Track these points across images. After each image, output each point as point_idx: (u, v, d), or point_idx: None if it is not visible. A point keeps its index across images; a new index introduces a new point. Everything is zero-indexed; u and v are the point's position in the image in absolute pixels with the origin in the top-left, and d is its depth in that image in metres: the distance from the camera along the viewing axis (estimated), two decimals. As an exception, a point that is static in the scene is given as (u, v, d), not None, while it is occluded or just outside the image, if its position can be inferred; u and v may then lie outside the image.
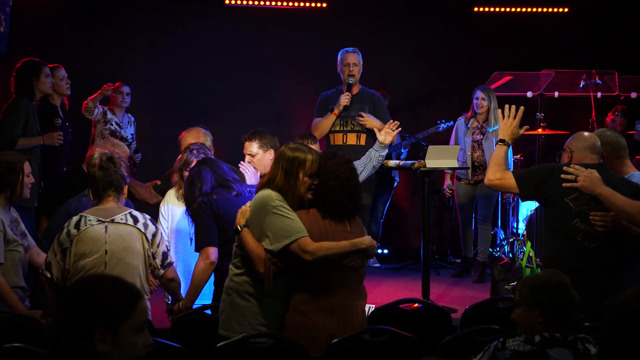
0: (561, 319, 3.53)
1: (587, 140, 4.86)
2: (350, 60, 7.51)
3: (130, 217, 4.86)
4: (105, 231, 4.77)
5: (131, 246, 4.80)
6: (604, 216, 4.59)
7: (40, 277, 4.78)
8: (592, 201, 4.63)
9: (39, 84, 6.93)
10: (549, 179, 4.77)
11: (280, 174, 4.36)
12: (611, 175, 4.76)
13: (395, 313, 4.87)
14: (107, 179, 4.86)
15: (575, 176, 4.66)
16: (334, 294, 4.30)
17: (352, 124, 7.40)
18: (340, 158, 4.46)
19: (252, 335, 4.17)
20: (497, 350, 3.51)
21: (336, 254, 4.26)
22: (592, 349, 3.50)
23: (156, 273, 4.93)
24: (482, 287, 7.69)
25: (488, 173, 4.94)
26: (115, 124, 7.93)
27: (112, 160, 4.90)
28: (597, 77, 8.72)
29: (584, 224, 4.64)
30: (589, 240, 4.63)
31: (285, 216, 4.25)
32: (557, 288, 3.57)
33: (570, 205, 4.66)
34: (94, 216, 4.81)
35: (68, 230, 4.78)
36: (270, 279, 4.23)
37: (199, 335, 4.57)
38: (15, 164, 4.99)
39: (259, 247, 4.26)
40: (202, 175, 5.19)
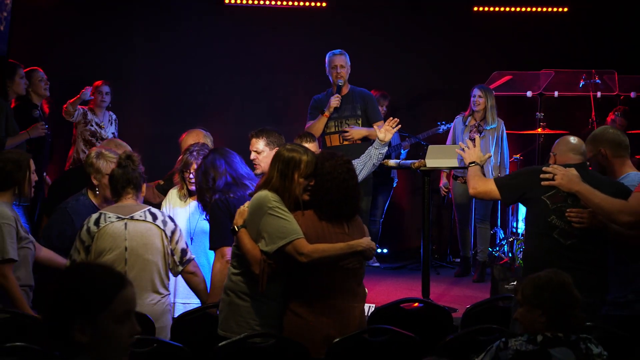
0: (563, 318, 3.53)
1: (569, 142, 4.89)
2: (338, 63, 7.56)
3: (149, 214, 4.91)
4: (124, 228, 4.83)
5: (150, 242, 4.85)
6: (579, 212, 4.59)
7: None
8: (569, 198, 4.64)
9: (13, 85, 6.96)
10: (528, 180, 4.79)
11: (276, 175, 4.35)
12: (592, 175, 4.77)
13: (396, 312, 4.87)
14: (126, 177, 4.90)
15: (553, 175, 4.68)
16: (331, 296, 4.28)
17: (346, 124, 7.45)
18: (338, 159, 4.42)
19: (253, 334, 4.18)
20: (500, 350, 3.52)
21: (332, 256, 4.23)
22: (594, 349, 3.51)
23: (175, 269, 4.97)
24: (482, 286, 7.70)
25: (469, 186, 5.01)
26: (95, 125, 7.93)
27: (131, 158, 4.95)
28: (596, 76, 8.73)
29: (560, 220, 4.64)
30: (565, 237, 4.62)
31: (281, 217, 4.23)
32: (559, 287, 3.57)
33: (547, 203, 4.67)
34: (113, 213, 4.86)
35: (88, 227, 4.83)
36: (265, 280, 4.22)
37: (199, 335, 4.57)
38: (22, 161, 5.00)
39: (255, 248, 4.25)
40: (216, 165, 5.22)
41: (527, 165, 8.68)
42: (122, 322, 2.50)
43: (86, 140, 7.87)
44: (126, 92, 9.18)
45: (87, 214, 5.30)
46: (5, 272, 4.75)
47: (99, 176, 5.36)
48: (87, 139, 7.87)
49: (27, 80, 7.10)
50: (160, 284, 4.88)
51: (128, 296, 2.55)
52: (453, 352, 4.12)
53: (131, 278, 4.64)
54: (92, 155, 5.46)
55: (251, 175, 5.38)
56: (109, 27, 9.19)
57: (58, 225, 5.34)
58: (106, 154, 5.44)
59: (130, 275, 4.73)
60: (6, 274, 4.75)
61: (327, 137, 7.44)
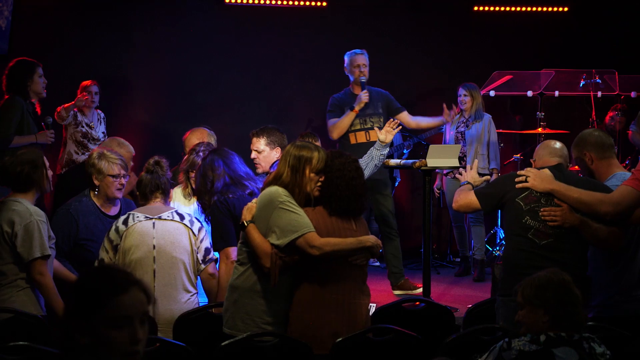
0: (566, 316, 3.54)
1: (548, 146, 4.94)
2: (361, 62, 7.60)
3: (176, 215, 5.03)
4: (152, 227, 4.93)
5: (178, 241, 4.94)
6: (552, 210, 4.60)
7: None
8: (542, 198, 4.66)
9: (32, 85, 6.94)
10: (504, 185, 4.84)
11: (287, 171, 4.38)
12: (567, 175, 4.80)
13: (398, 312, 4.88)
14: (155, 182, 5.07)
15: (526, 177, 4.70)
16: (339, 291, 4.31)
17: (370, 121, 7.45)
18: (347, 157, 4.50)
19: (257, 334, 4.18)
20: (503, 350, 3.52)
21: (342, 250, 4.27)
22: (597, 348, 3.52)
23: (198, 268, 5.03)
24: (483, 285, 7.71)
25: (454, 202, 5.09)
26: (85, 126, 7.91)
27: (160, 164, 5.11)
28: (597, 76, 8.73)
29: (533, 220, 4.65)
30: (539, 237, 4.63)
31: (293, 211, 4.26)
32: (560, 286, 3.58)
33: (520, 204, 4.70)
34: (141, 213, 4.97)
35: (117, 227, 4.93)
36: (277, 274, 4.24)
37: (202, 334, 4.57)
38: (37, 160, 5.00)
39: (265, 243, 4.27)
40: (214, 167, 5.23)
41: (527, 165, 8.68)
42: (119, 327, 2.47)
43: (78, 141, 7.85)
44: (126, 90, 9.19)
45: (91, 214, 5.35)
46: (43, 269, 4.77)
47: (101, 177, 5.39)
48: (79, 140, 7.85)
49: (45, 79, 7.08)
50: (188, 282, 4.98)
51: (127, 302, 2.50)
52: (456, 352, 4.12)
53: (161, 276, 4.74)
54: (94, 156, 5.48)
55: (250, 175, 5.39)
56: (110, 26, 9.19)
57: (62, 229, 5.33)
58: (108, 154, 5.47)
59: (160, 274, 4.81)
60: (44, 272, 4.78)
61: (352, 134, 7.42)
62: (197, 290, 5.05)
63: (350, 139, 7.40)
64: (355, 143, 7.39)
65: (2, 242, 4.79)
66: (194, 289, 5.01)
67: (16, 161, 4.99)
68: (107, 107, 8.31)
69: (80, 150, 7.77)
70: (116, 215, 5.50)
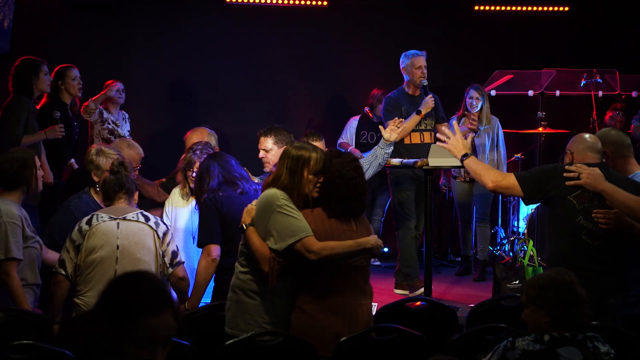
0: (567, 317, 3.53)
1: (586, 141, 4.86)
2: (422, 64, 7.56)
3: (141, 216, 4.95)
4: (117, 227, 4.85)
5: (142, 242, 4.87)
6: (606, 213, 4.58)
7: (56, 276, 4.83)
8: (595, 198, 4.63)
9: (38, 83, 6.93)
10: (551, 179, 4.75)
11: (285, 173, 4.36)
12: (613, 174, 4.76)
13: (401, 311, 4.88)
14: (119, 183, 4.96)
15: (578, 174, 4.66)
16: (339, 293, 4.29)
17: (424, 123, 7.45)
18: (346, 157, 4.46)
19: (260, 333, 4.18)
20: (507, 349, 3.52)
21: (341, 254, 4.24)
22: (601, 347, 3.52)
23: (165, 272, 4.96)
24: (484, 285, 7.72)
25: (486, 179, 4.82)
26: (112, 123, 7.91)
27: (124, 164, 5.02)
28: (598, 76, 8.74)
29: (587, 221, 4.62)
30: (592, 238, 4.61)
31: (290, 215, 4.24)
32: (562, 286, 3.57)
33: (574, 203, 4.65)
34: (105, 214, 4.90)
35: (80, 226, 4.86)
36: (275, 278, 4.23)
37: (204, 333, 4.56)
38: (27, 159, 5.02)
39: (263, 246, 4.26)
40: (210, 170, 5.23)
41: (527, 164, 8.70)
42: (141, 347, 2.43)
43: (105, 139, 7.77)
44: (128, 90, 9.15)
45: (91, 211, 5.32)
46: (8, 269, 4.78)
47: (100, 173, 5.38)
48: (106, 138, 7.79)
49: (51, 77, 7.08)
50: None
51: (155, 326, 2.43)
52: (459, 352, 4.11)
53: None
54: (91, 153, 5.48)
55: (245, 176, 5.39)
56: (111, 25, 9.18)
57: (61, 223, 5.34)
58: (106, 150, 5.47)
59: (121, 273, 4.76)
60: (9, 272, 4.78)
61: (407, 135, 7.39)
62: None
63: (404, 140, 7.34)
64: (409, 144, 7.38)
65: None
66: None
67: (6, 158, 5.02)
68: (108, 106, 8.30)
69: None
70: None
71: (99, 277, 4.76)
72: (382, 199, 8.90)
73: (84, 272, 4.79)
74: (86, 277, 4.79)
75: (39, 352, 3.80)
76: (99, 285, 4.73)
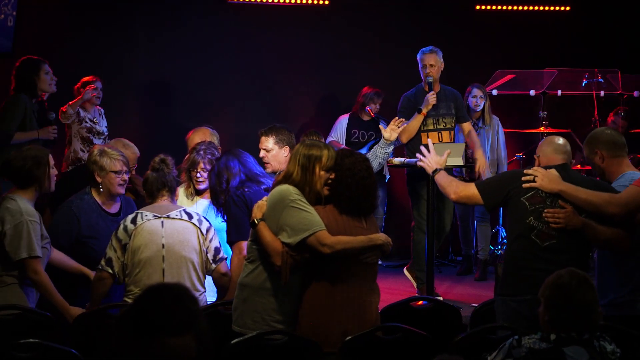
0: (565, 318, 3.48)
1: (552, 143, 4.88)
2: (427, 62, 7.47)
3: (185, 214, 5.03)
4: (161, 226, 4.92)
5: (187, 240, 4.95)
6: (555, 212, 4.56)
7: (100, 273, 4.90)
8: (548, 199, 4.62)
9: (39, 82, 6.98)
10: (510, 183, 4.78)
11: (297, 170, 4.39)
12: (574, 175, 4.77)
13: (405, 310, 4.89)
14: (162, 180, 5.05)
15: (534, 176, 4.69)
16: (349, 290, 4.32)
17: (444, 122, 7.36)
18: (358, 156, 4.51)
19: (267, 332, 4.19)
20: (513, 347, 3.51)
21: (354, 248, 4.28)
22: (607, 346, 3.51)
23: (208, 267, 5.04)
24: (485, 284, 7.73)
25: (448, 191, 4.96)
26: (89, 121, 7.89)
27: (165, 162, 5.11)
28: (599, 75, 8.75)
29: (537, 221, 4.62)
30: (542, 238, 4.60)
31: (303, 210, 4.27)
32: (564, 287, 3.50)
33: (526, 204, 4.66)
34: (150, 212, 4.97)
35: (125, 225, 4.93)
36: (288, 272, 4.25)
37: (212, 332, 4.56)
38: (41, 157, 5.03)
39: (275, 241, 4.28)
40: (229, 167, 5.24)
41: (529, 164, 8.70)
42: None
43: (83, 137, 7.78)
44: (129, 89, 9.18)
45: (92, 211, 5.36)
46: (36, 268, 4.81)
47: (103, 173, 5.39)
48: (84, 136, 7.78)
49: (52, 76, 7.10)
50: (197, 281, 4.98)
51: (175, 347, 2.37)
52: (464, 351, 4.12)
53: (170, 275, 4.81)
54: (95, 153, 5.49)
55: (265, 174, 5.40)
56: (112, 25, 9.17)
57: (63, 224, 5.35)
58: (109, 151, 5.48)
59: (169, 273, 4.84)
60: (38, 270, 4.82)
61: (425, 134, 7.30)
62: (205, 289, 5.06)
63: (422, 139, 7.27)
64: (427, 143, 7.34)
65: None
66: (202, 288, 5.02)
67: (20, 156, 5.03)
68: (110, 106, 8.28)
69: (86, 147, 7.74)
70: (117, 212, 5.51)
71: (148, 277, 4.85)
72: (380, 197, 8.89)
73: (133, 272, 4.87)
74: (135, 277, 4.87)
75: (46, 350, 3.82)
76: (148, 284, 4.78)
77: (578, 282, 3.51)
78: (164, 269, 4.84)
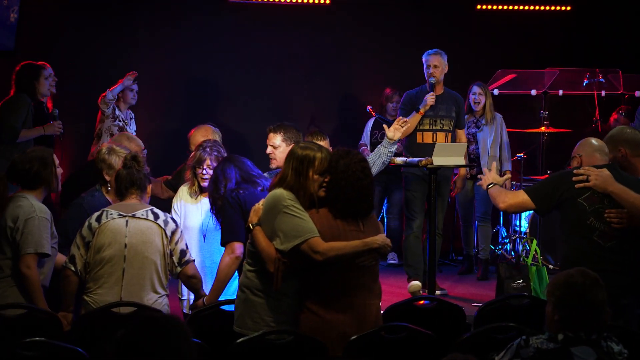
0: (576, 318, 3.49)
1: (593, 144, 4.89)
2: (431, 63, 7.52)
3: (151, 213, 4.93)
4: (126, 225, 4.84)
5: (150, 240, 4.86)
6: (619, 213, 4.58)
7: (65, 270, 4.83)
8: (605, 199, 4.64)
9: (39, 86, 7.09)
10: (560, 185, 4.78)
11: (290, 173, 4.35)
12: (622, 175, 4.77)
13: (409, 310, 4.88)
14: (131, 178, 4.94)
15: (587, 176, 4.67)
16: (347, 293, 4.27)
17: (441, 123, 7.39)
18: (353, 157, 4.40)
19: (271, 331, 4.18)
20: (520, 347, 3.51)
21: (347, 254, 4.23)
22: (615, 347, 3.51)
23: (173, 271, 4.96)
24: (486, 284, 7.74)
25: (498, 201, 5.01)
26: (122, 121, 7.92)
27: (136, 159, 4.99)
28: (600, 75, 8.75)
29: (598, 222, 4.63)
30: (604, 239, 4.62)
31: (297, 216, 4.24)
32: (576, 287, 3.51)
33: (584, 205, 4.66)
34: (115, 210, 4.89)
35: (90, 223, 4.86)
36: (280, 279, 4.22)
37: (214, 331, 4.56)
38: (47, 157, 5.03)
39: (270, 247, 4.26)
40: (226, 173, 5.21)
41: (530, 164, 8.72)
42: None
43: (113, 135, 7.78)
44: (130, 87, 9.16)
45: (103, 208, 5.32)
46: (31, 263, 4.77)
47: (112, 172, 5.37)
48: (114, 133, 7.78)
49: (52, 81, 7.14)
50: (158, 283, 4.88)
51: None
52: (469, 351, 4.11)
53: (130, 275, 4.73)
54: (103, 152, 5.48)
55: (262, 175, 5.38)
56: (114, 24, 9.18)
57: (74, 221, 5.33)
58: (117, 149, 5.47)
59: (129, 273, 4.77)
60: (32, 266, 4.78)
61: (420, 133, 7.35)
62: (167, 292, 4.95)
63: (417, 138, 7.33)
64: (420, 142, 7.35)
65: (5, 236, 4.82)
66: (164, 291, 4.91)
67: (26, 158, 5.02)
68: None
69: None
70: None
71: (108, 276, 4.78)
72: (395, 197, 8.91)
73: (93, 269, 4.79)
74: (95, 274, 4.80)
75: (51, 349, 3.81)
76: (107, 283, 4.76)
77: (591, 282, 3.52)
78: (124, 269, 4.77)
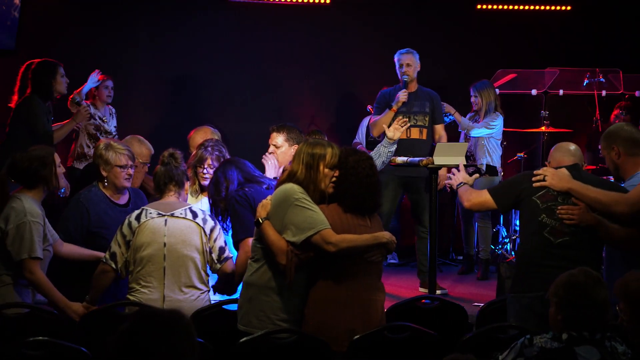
0: (579, 317, 3.49)
1: (562, 147, 4.95)
2: (404, 62, 7.60)
3: (189, 212, 4.99)
4: (164, 224, 4.90)
5: (189, 239, 4.92)
6: (569, 209, 4.60)
7: (104, 266, 4.89)
8: (559, 197, 4.68)
9: (56, 85, 7.02)
10: (520, 184, 4.85)
11: (301, 168, 4.39)
12: (584, 175, 4.82)
13: (411, 309, 4.89)
14: (169, 174, 5.03)
15: (544, 176, 4.72)
16: (354, 288, 4.31)
17: (414, 119, 7.45)
18: (361, 155, 4.51)
19: (274, 330, 4.19)
20: (524, 347, 3.52)
21: (358, 247, 4.28)
22: (619, 347, 3.51)
23: (213, 267, 5.02)
24: (487, 284, 7.73)
25: (463, 200, 5.11)
26: (98, 119, 7.93)
27: (174, 156, 5.09)
28: (601, 75, 8.76)
29: (550, 219, 4.66)
30: (554, 235, 4.64)
31: (308, 208, 4.27)
32: (578, 286, 3.53)
33: (537, 202, 4.71)
34: (154, 209, 4.96)
35: (129, 221, 4.93)
36: (293, 271, 4.24)
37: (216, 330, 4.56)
38: (46, 157, 5.04)
39: (280, 240, 4.27)
40: (227, 175, 5.21)
41: (530, 163, 8.73)
42: None
43: (90, 134, 7.88)
44: (130, 87, 9.16)
45: (101, 202, 5.36)
46: (32, 268, 4.81)
47: (108, 167, 5.40)
48: (92, 133, 7.87)
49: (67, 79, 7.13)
50: (198, 280, 4.94)
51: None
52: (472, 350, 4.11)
53: (171, 273, 4.80)
54: (100, 147, 5.49)
55: (263, 176, 5.40)
56: (114, 23, 9.18)
57: (74, 216, 5.36)
58: (115, 145, 5.48)
59: (170, 271, 4.84)
60: (34, 271, 4.81)
61: None
62: (208, 288, 5.04)
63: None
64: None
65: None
66: (205, 287, 5.00)
67: (25, 157, 5.04)
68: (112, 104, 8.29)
69: (92, 143, 7.78)
70: (125, 204, 5.52)
71: (150, 275, 4.85)
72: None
73: (135, 269, 4.87)
74: (137, 274, 4.87)
75: (55, 348, 3.81)
76: (151, 283, 4.83)
77: (593, 282, 3.53)
78: (164, 268, 4.83)
